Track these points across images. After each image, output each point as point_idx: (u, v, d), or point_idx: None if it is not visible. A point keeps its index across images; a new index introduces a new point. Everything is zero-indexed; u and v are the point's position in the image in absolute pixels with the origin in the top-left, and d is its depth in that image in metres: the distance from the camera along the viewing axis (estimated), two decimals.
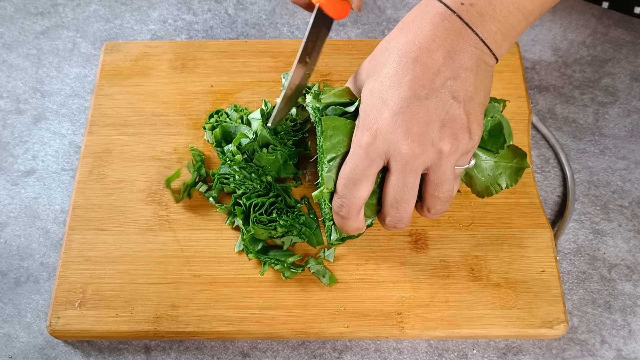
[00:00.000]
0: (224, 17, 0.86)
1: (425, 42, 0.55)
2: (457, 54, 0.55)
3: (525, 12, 0.57)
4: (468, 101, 0.56)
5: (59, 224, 0.71)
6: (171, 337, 0.64)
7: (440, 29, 0.55)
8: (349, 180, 0.57)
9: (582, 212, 0.72)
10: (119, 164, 0.72)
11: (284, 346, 0.65)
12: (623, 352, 0.65)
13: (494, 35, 0.56)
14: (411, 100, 0.54)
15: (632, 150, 0.75)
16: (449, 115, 0.55)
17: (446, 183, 0.58)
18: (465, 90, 0.55)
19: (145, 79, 0.78)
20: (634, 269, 0.69)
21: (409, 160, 0.56)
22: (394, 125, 0.55)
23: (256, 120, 0.71)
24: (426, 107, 0.55)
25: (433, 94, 0.55)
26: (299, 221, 0.66)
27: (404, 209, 0.59)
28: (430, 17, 0.55)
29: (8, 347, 0.65)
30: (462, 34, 0.55)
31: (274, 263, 0.65)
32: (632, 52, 0.82)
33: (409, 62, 0.55)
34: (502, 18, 0.56)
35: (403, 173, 0.56)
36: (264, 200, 0.66)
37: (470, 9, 0.55)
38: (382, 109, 0.55)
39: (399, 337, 0.64)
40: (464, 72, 0.55)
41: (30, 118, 0.78)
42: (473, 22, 0.55)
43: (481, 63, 0.56)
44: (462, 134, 0.56)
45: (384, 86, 0.56)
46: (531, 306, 0.64)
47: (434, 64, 0.55)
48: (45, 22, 0.86)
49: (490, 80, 0.58)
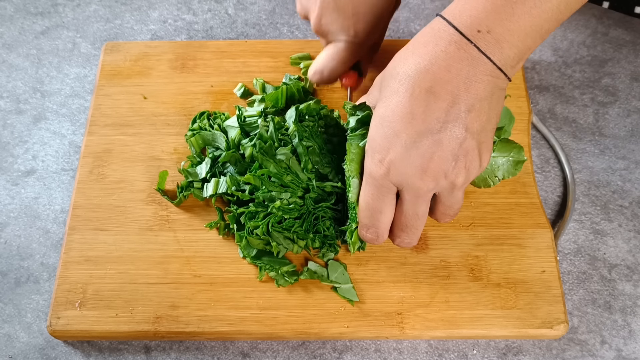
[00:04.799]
0: (224, 17, 0.86)
1: (439, 71, 0.52)
2: (472, 85, 0.53)
3: (542, 32, 0.54)
4: (481, 131, 0.54)
5: (59, 224, 0.71)
6: (171, 337, 0.64)
7: (455, 58, 0.52)
8: (370, 210, 0.58)
9: (582, 212, 0.72)
10: (119, 164, 0.72)
11: (284, 346, 0.65)
12: (623, 352, 0.65)
13: (510, 61, 0.53)
14: (424, 134, 0.53)
15: (632, 150, 0.75)
16: (462, 149, 0.54)
17: (456, 204, 0.59)
18: (479, 121, 0.54)
19: (145, 79, 0.78)
20: (634, 269, 0.69)
21: (421, 193, 0.56)
22: (407, 160, 0.54)
23: (233, 128, 0.70)
24: (440, 142, 0.53)
25: (447, 127, 0.53)
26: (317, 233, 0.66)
27: (414, 233, 0.60)
28: (445, 44, 0.53)
29: (8, 347, 0.65)
30: (478, 63, 0.52)
31: (269, 269, 0.65)
32: (632, 52, 0.82)
33: (422, 92, 0.53)
34: (520, 42, 0.53)
35: (415, 204, 0.57)
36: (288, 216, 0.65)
37: (487, 36, 0.52)
38: (394, 141, 0.54)
39: (399, 337, 0.64)
40: (479, 103, 0.53)
41: (30, 118, 0.78)
42: (490, 51, 0.52)
43: (496, 90, 0.54)
44: (474, 165, 0.55)
45: (396, 116, 0.54)
46: (531, 306, 0.64)
47: (449, 96, 0.53)
48: (45, 22, 0.86)
49: (502, 103, 0.56)
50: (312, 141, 0.66)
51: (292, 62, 0.78)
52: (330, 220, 0.65)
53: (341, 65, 0.70)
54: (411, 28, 0.85)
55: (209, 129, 0.72)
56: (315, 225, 0.65)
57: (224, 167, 0.68)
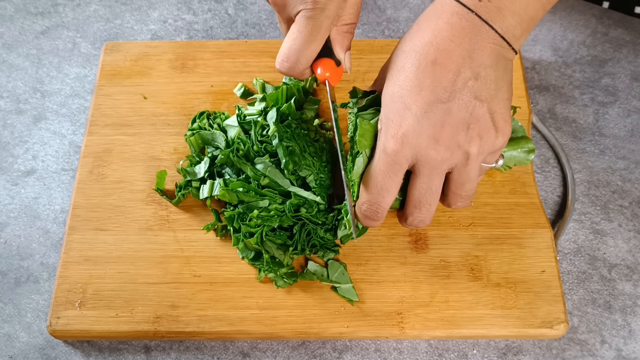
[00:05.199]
0: (224, 17, 0.86)
1: (443, 42, 0.54)
2: (476, 53, 0.54)
3: (544, 2, 0.55)
4: (491, 99, 0.55)
5: (59, 224, 0.71)
6: (171, 337, 0.64)
7: (457, 28, 0.54)
8: (377, 187, 0.57)
9: (582, 212, 0.72)
10: (119, 164, 0.72)
11: (284, 346, 0.65)
12: (623, 352, 0.65)
13: (513, 29, 0.55)
14: (434, 104, 0.54)
15: (632, 150, 0.75)
16: (473, 117, 0.55)
17: (469, 182, 0.58)
18: (487, 89, 0.55)
19: (145, 79, 0.78)
20: (634, 269, 0.69)
21: (436, 164, 0.56)
22: (419, 131, 0.54)
23: (232, 128, 0.70)
24: (449, 110, 0.54)
25: (455, 96, 0.54)
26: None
27: (428, 210, 0.59)
28: (447, 16, 0.54)
29: (8, 347, 0.65)
30: (481, 31, 0.54)
31: (267, 271, 0.64)
32: (632, 52, 0.82)
33: (428, 64, 0.54)
34: (521, 11, 0.54)
35: (429, 177, 0.57)
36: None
37: (489, 4, 0.54)
38: (406, 114, 0.55)
39: (399, 337, 0.64)
40: (484, 71, 0.54)
41: (30, 118, 0.78)
42: (491, 18, 0.54)
43: (501, 58, 0.55)
44: (488, 134, 0.56)
45: (405, 90, 0.55)
46: (531, 306, 0.64)
47: (454, 65, 0.54)
48: (45, 22, 0.86)
49: (511, 74, 0.57)
50: (293, 142, 0.66)
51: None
52: (324, 227, 0.65)
53: (308, 45, 0.59)
54: None
55: (208, 129, 0.72)
56: (310, 240, 0.65)
57: (222, 167, 0.68)
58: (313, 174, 0.65)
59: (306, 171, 0.65)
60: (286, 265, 0.65)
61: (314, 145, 0.67)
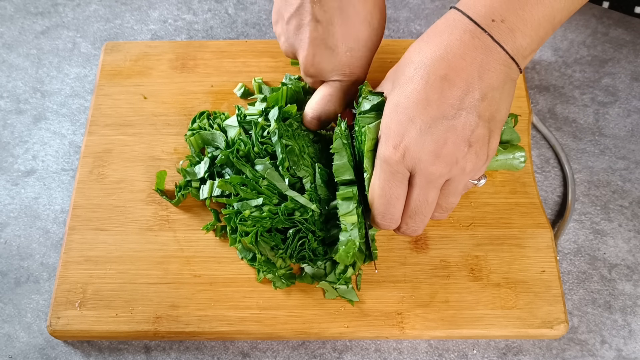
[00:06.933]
0: (224, 17, 0.86)
1: (454, 60, 0.54)
2: (486, 74, 0.54)
3: (554, 23, 0.55)
4: (491, 120, 0.55)
5: (59, 224, 0.71)
6: (171, 337, 0.64)
7: (470, 46, 0.53)
8: (386, 197, 0.58)
9: (582, 212, 0.72)
10: (119, 164, 0.72)
11: (284, 346, 0.65)
12: (623, 352, 0.65)
13: (522, 50, 0.54)
14: (439, 119, 0.54)
15: (632, 150, 0.75)
16: (475, 135, 0.55)
17: (454, 196, 0.59)
18: (490, 110, 0.55)
19: (145, 79, 0.78)
20: (634, 269, 0.69)
21: (433, 179, 0.56)
22: (422, 145, 0.55)
23: (232, 128, 0.70)
24: (454, 127, 0.54)
25: (461, 114, 0.54)
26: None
27: (422, 220, 0.60)
28: (460, 33, 0.54)
29: (8, 347, 0.65)
30: (492, 52, 0.54)
31: (266, 272, 0.64)
32: (632, 52, 0.82)
33: (437, 79, 0.54)
34: (533, 32, 0.54)
35: (426, 189, 0.57)
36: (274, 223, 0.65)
37: (501, 25, 0.53)
38: (409, 126, 0.55)
39: (399, 337, 0.64)
40: (492, 92, 0.54)
41: (30, 118, 0.78)
42: (503, 39, 0.53)
43: (508, 80, 0.55)
44: (483, 152, 0.56)
45: (411, 102, 0.55)
46: (531, 306, 0.64)
47: (463, 83, 0.54)
48: (45, 22, 0.86)
49: (512, 96, 0.57)
50: (292, 141, 0.66)
51: (292, 62, 0.78)
52: (317, 237, 0.64)
53: (339, 107, 0.67)
54: (411, 28, 0.85)
55: (208, 129, 0.72)
56: (301, 251, 0.64)
57: (222, 167, 0.68)
58: (310, 176, 0.65)
59: (304, 172, 0.65)
60: (279, 267, 0.65)
61: (313, 146, 0.67)
